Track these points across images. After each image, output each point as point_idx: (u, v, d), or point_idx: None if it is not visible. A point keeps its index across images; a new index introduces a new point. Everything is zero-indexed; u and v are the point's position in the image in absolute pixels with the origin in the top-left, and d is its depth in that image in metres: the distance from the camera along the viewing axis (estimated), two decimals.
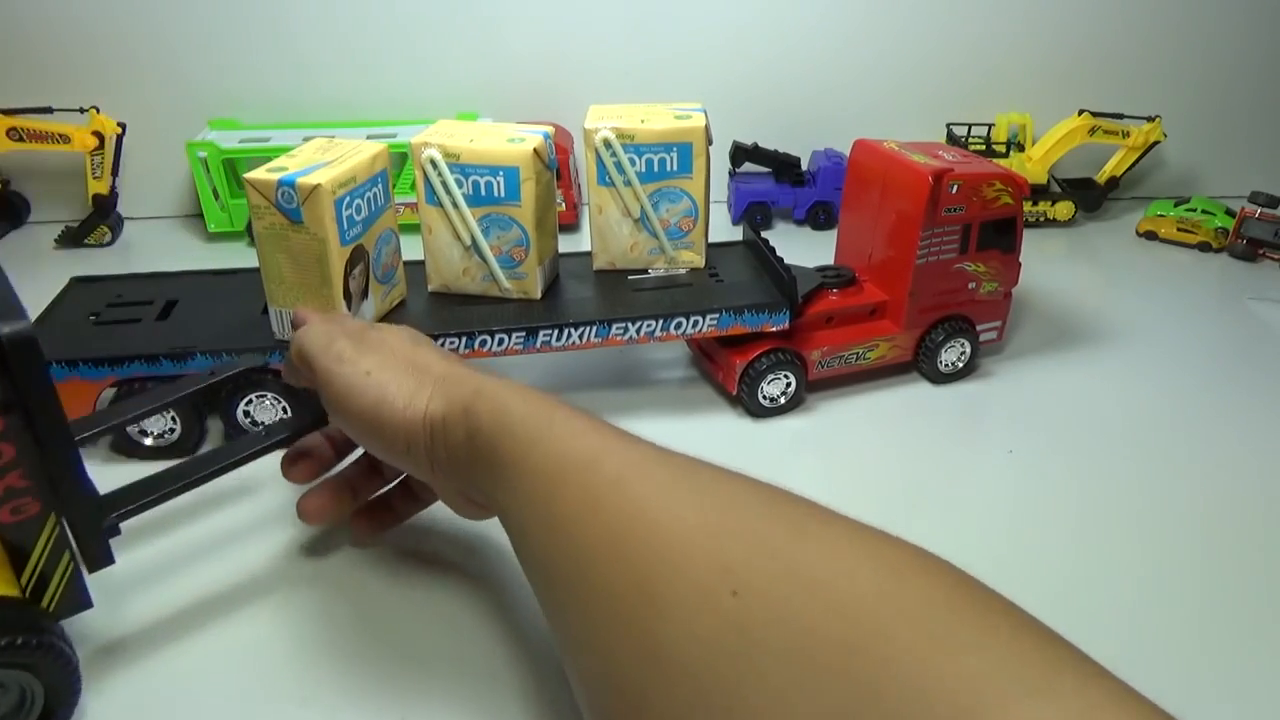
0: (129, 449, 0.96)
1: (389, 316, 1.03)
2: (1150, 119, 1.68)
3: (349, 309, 0.95)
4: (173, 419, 0.96)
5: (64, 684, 0.63)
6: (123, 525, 0.68)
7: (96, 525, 0.66)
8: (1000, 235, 1.11)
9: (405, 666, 0.72)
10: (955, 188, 1.04)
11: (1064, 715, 0.37)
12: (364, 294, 0.98)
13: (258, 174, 0.90)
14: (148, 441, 0.95)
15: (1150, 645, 0.76)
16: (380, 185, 0.99)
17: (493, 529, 0.73)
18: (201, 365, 0.93)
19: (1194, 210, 1.66)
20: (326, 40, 1.61)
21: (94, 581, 0.67)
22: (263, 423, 0.97)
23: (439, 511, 0.79)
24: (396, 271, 1.05)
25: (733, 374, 1.04)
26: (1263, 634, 0.77)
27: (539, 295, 1.05)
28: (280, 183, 0.88)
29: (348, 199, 0.92)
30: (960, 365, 1.15)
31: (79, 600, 0.66)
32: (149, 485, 0.71)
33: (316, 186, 0.87)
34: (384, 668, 0.72)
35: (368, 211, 0.96)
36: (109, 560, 0.67)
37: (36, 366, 0.57)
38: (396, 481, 0.83)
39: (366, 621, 0.76)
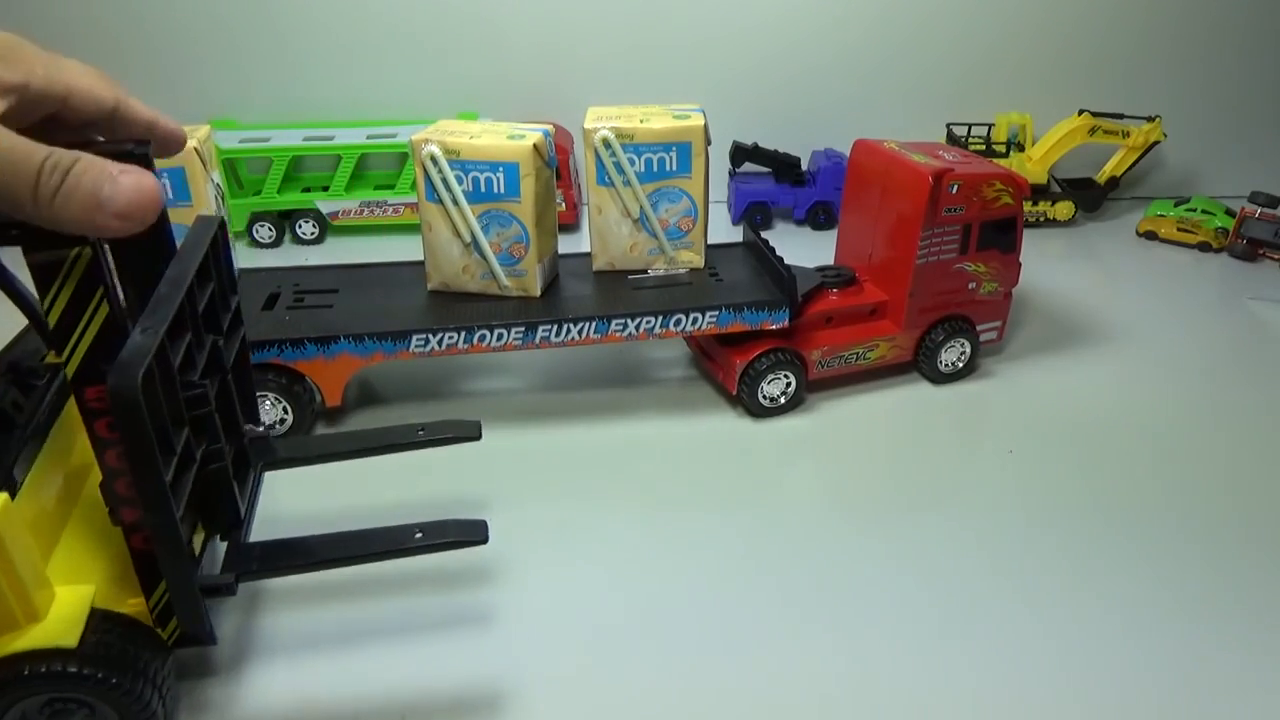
0: None
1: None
2: (1150, 119, 1.68)
3: None
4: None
5: None
6: None
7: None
8: (1000, 235, 1.11)
9: (405, 666, 0.72)
10: (955, 188, 1.04)
11: None
12: None
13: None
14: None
15: (1150, 643, 0.76)
16: None
17: (496, 535, 0.74)
18: None
19: (1194, 210, 1.66)
20: (326, 41, 1.61)
21: None
22: (263, 424, 0.96)
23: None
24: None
25: (733, 374, 1.04)
26: (1263, 630, 0.77)
27: (538, 293, 1.05)
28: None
29: None
30: (960, 365, 1.15)
31: (202, 634, 0.63)
32: (281, 551, 0.68)
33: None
34: (384, 668, 0.72)
35: None
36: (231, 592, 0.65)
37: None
38: None
39: (366, 622, 0.76)
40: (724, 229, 1.60)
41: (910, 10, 1.67)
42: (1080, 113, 1.66)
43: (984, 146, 1.67)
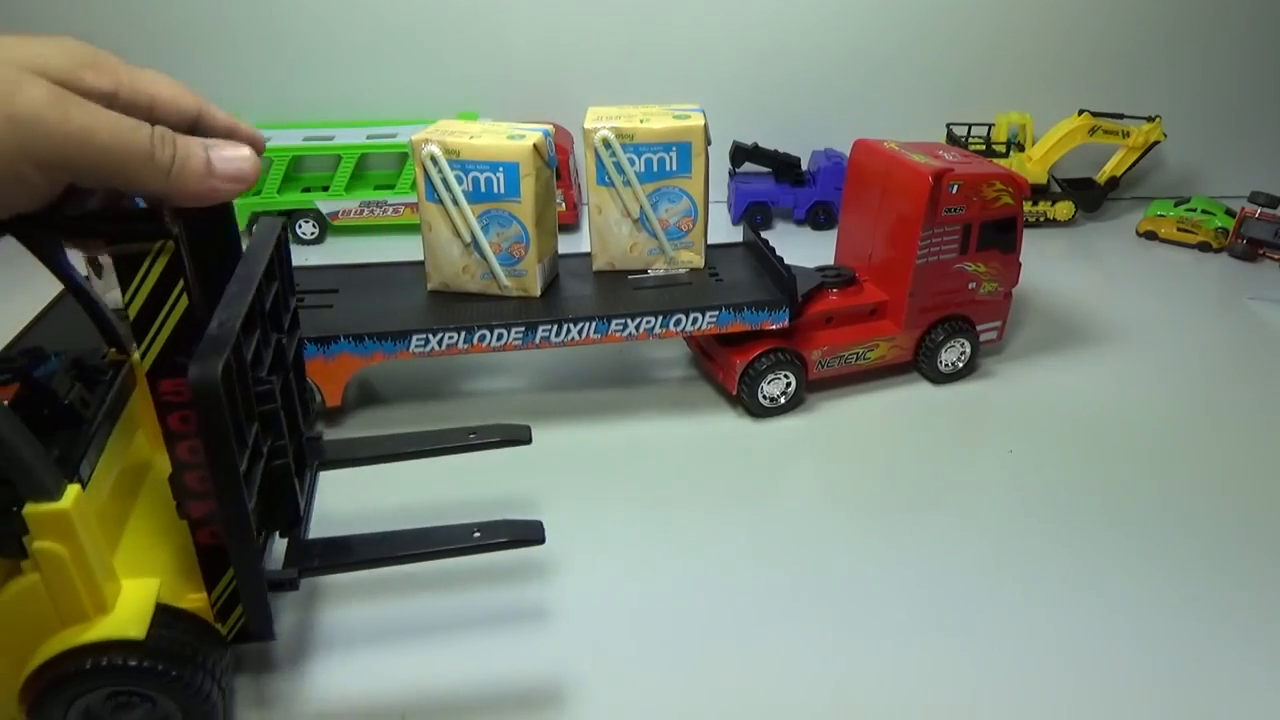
0: None
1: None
2: (1150, 119, 1.68)
3: None
4: None
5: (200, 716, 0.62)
6: None
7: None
8: (1000, 235, 1.11)
9: (404, 667, 0.72)
10: (955, 188, 1.04)
11: None
12: None
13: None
14: None
15: (1151, 642, 0.76)
16: None
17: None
18: None
19: (1194, 210, 1.66)
20: (326, 41, 1.61)
21: None
22: None
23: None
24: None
25: (733, 373, 1.04)
26: (1264, 629, 0.77)
27: (538, 293, 1.05)
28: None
29: None
30: (960, 365, 1.15)
31: (265, 628, 0.63)
32: (341, 548, 0.67)
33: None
34: (384, 668, 0.72)
35: None
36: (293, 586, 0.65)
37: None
38: None
39: (366, 624, 0.76)
40: (724, 229, 1.60)
41: (909, 9, 1.67)
42: (1080, 113, 1.66)
43: (984, 146, 1.67)
